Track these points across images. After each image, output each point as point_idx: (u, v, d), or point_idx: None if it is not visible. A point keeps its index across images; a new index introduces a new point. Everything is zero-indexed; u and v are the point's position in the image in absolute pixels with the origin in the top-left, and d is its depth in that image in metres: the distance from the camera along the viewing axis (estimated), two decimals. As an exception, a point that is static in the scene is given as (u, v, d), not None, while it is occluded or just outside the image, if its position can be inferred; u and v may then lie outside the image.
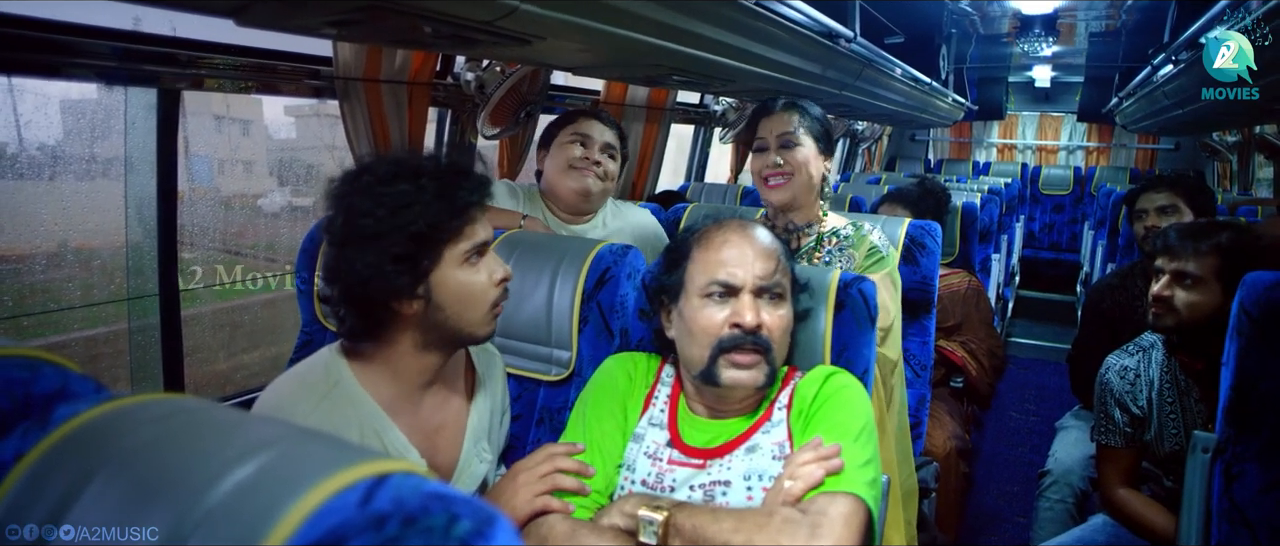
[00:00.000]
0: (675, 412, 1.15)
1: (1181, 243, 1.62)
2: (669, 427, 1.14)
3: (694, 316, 1.08)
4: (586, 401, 1.19)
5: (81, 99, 1.68)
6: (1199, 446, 1.30)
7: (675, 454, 1.11)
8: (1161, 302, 1.63)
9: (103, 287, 1.74)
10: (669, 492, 1.08)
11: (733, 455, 1.10)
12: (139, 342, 1.65)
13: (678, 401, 1.16)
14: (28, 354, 0.59)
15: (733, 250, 1.09)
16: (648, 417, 1.15)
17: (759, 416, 1.13)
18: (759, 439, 1.11)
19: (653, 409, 1.16)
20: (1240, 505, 1.22)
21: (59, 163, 1.65)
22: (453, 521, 0.35)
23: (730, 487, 1.07)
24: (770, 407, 1.14)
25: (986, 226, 3.33)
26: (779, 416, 1.12)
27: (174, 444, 0.41)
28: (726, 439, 1.11)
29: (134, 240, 1.64)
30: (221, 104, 2.51)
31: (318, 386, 1.06)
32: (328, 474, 0.37)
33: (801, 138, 1.62)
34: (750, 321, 1.05)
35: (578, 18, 1.27)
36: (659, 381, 1.19)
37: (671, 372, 1.20)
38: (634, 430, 1.15)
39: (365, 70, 1.73)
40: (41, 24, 1.27)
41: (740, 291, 1.07)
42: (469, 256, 1.06)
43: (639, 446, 1.13)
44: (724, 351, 1.06)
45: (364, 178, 1.02)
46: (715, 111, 3.79)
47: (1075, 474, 2.15)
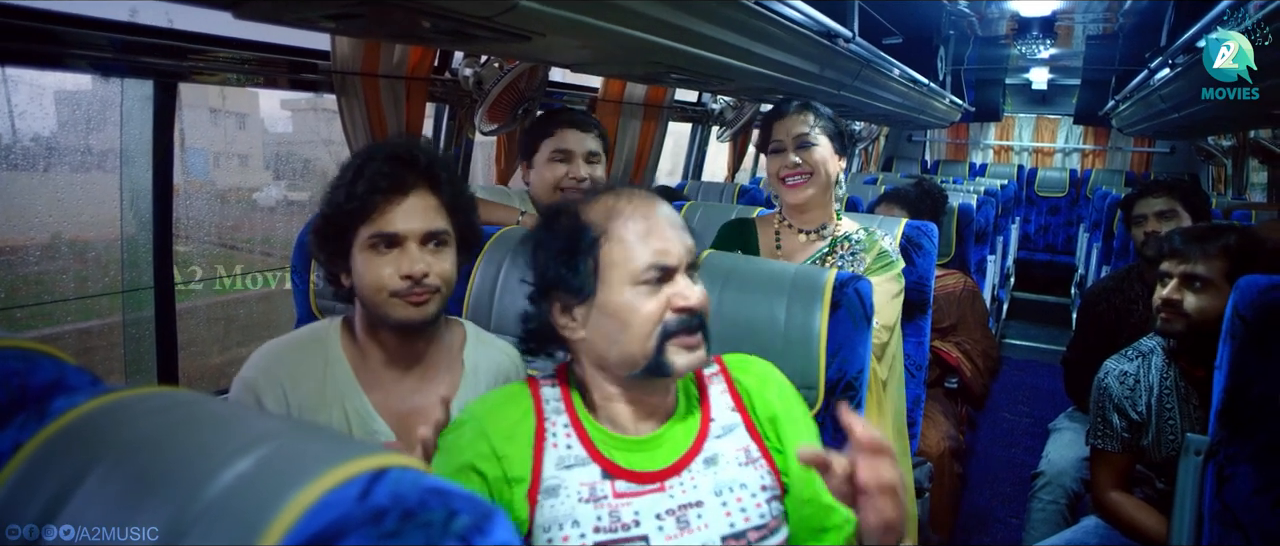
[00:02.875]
0: (588, 439, 0.97)
1: (1189, 246, 1.62)
2: (594, 459, 0.96)
3: (630, 307, 0.93)
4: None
5: (77, 90, 1.67)
6: (1192, 449, 1.31)
7: (620, 484, 0.95)
8: (1171, 306, 1.62)
9: (97, 280, 1.74)
10: (635, 528, 0.93)
11: (691, 470, 0.97)
12: (133, 336, 1.65)
13: (583, 426, 0.98)
14: (23, 345, 0.58)
15: (656, 225, 0.96)
16: (554, 462, 0.95)
17: (700, 421, 1.01)
18: (715, 446, 0.99)
19: (554, 450, 0.96)
20: (1232, 507, 1.22)
21: (54, 154, 1.64)
22: (451, 516, 0.35)
23: (704, 508, 0.95)
24: (705, 405, 1.02)
25: (982, 228, 3.34)
26: (730, 418, 1.02)
27: (173, 437, 0.41)
28: (676, 454, 0.98)
29: (129, 233, 1.63)
30: (218, 97, 2.50)
31: (303, 338, 1.16)
32: (326, 468, 0.37)
33: (817, 137, 1.61)
34: (696, 302, 0.94)
35: (577, 14, 1.27)
36: (543, 415, 0.99)
37: (556, 394, 1.01)
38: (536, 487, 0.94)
39: (363, 65, 1.73)
40: (37, 14, 1.26)
41: (675, 271, 0.95)
42: (373, 243, 1.08)
43: (561, 500, 0.93)
44: (670, 336, 0.93)
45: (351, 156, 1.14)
46: (713, 110, 3.79)
47: (1068, 475, 2.16)
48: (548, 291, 0.97)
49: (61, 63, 1.36)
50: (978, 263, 3.32)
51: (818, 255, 1.66)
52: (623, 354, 0.94)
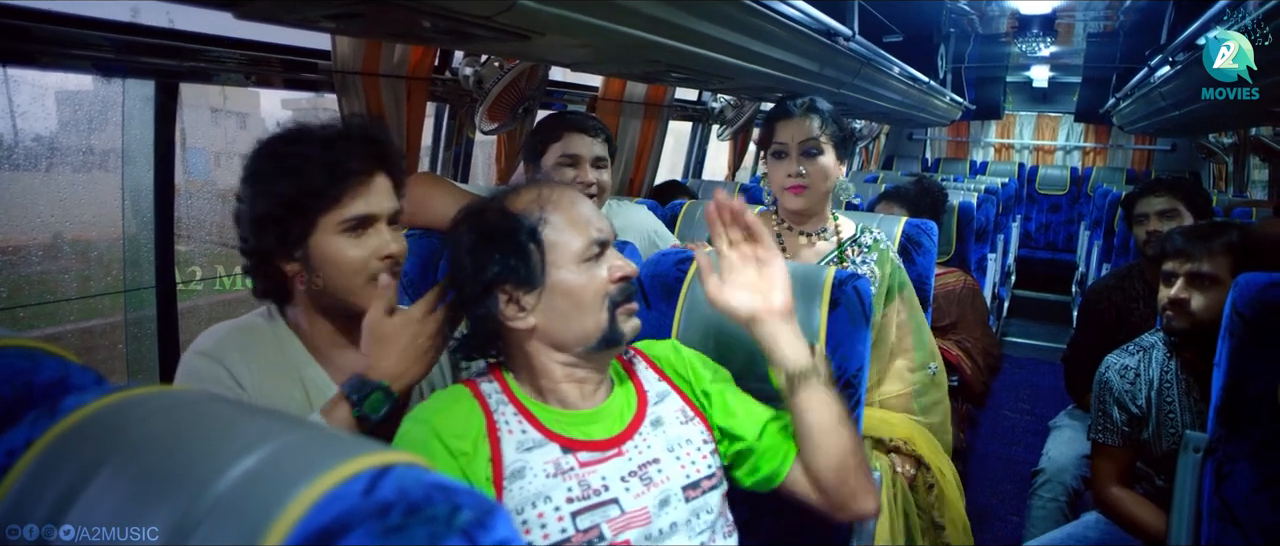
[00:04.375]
0: (539, 422, 1.01)
1: (1193, 244, 1.63)
2: (550, 439, 1.00)
3: (582, 285, 0.99)
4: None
5: (78, 90, 1.67)
6: (1191, 445, 1.32)
7: (583, 455, 0.99)
8: (1177, 305, 1.63)
9: (99, 280, 1.74)
10: (605, 492, 0.97)
11: (641, 432, 1.04)
12: (135, 335, 1.65)
13: (530, 410, 1.02)
14: (27, 344, 0.59)
15: (581, 208, 1.03)
16: (512, 446, 0.98)
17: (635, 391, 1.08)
18: (657, 410, 1.07)
19: (510, 436, 0.99)
20: (1230, 504, 1.23)
21: (55, 154, 1.65)
22: (455, 511, 0.36)
23: (661, 464, 1.02)
24: (634, 378, 1.10)
25: (983, 226, 3.35)
26: (660, 387, 1.10)
27: (179, 435, 0.41)
28: (624, 421, 1.04)
29: (130, 232, 1.63)
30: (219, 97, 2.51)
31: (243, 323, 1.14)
32: (332, 464, 0.37)
33: (824, 145, 1.59)
34: (632, 270, 1.02)
35: (576, 13, 1.27)
36: (489, 410, 1.01)
37: (496, 388, 1.04)
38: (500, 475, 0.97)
39: (364, 64, 1.73)
40: (39, 15, 1.26)
41: (607, 245, 1.03)
42: (346, 226, 1.06)
43: (528, 481, 0.96)
44: (617, 304, 1.01)
45: (270, 142, 1.08)
46: (713, 108, 3.80)
47: (1068, 473, 2.16)
48: (491, 287, 0.99)
49: (63, 63, 1.37)
50: (978, 261, 3.32)
51: (826, 259, 1.65)
52: (579, 329, 1.00)
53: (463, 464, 0.95)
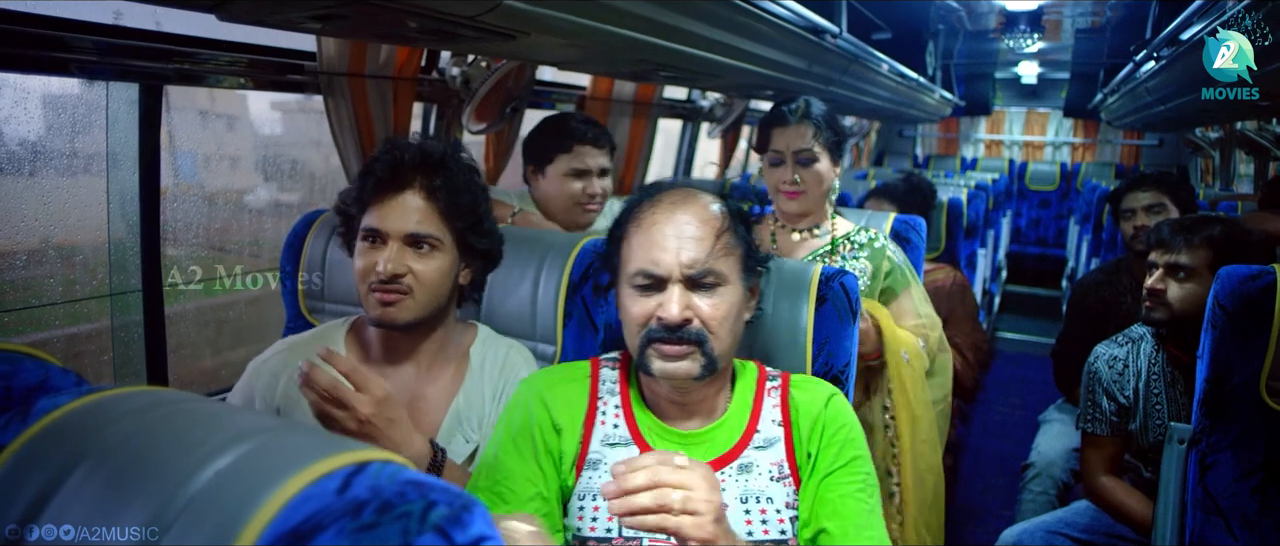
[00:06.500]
0: (634, 422, 1.02)
1: (1175, 236, 1.65)
2: (636, 441, 1.00)
3: (626, 305, 1.00)
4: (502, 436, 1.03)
5: (62, 94, 1.66)
6: (1175, 437, 1.33)
7: None
8: (1154, 295, 1.66)
9: (85, 284, 1.73)
10: None
11: (724, 472, 0.99)
12: (122, 340, 1.64)
13: (633, 409, 1.03)
14: (7, 348, 0.59)
15: (662, 233, 0.98)
16: (600, 438, 1.01)
17: (745, 427, 1.03)
18: (753, 456, 1.01)
19: (602, 427, 1.01)
20: (1214, 494, 1.24)
21: (40, 158, 1.63)
22: (429, 508, 0.36)
23: (727, 511, 0.93)
24: (756, 416, 1.04)
25: (973, 222, 3.36)
26: (774, 432, 1.03)
27: (155, 435, 0.41)
28: (713, 453, 1.00)
29: (117, 236, 1.62)
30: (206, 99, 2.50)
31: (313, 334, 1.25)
32: (306, 463, 0.38)
33: (818, 152, 1.60)
34: (674, 316, 0.95)
35: (562, 13, 1.28)
36: (598, 393, 1.03)
37: (614, 376, 1.06)
38: (583, 458, 0.99)
39: (349, 65, 1.73)
40: (20, 17, 1.25)
41: (667, 282, 0.97)
42: (364, 235, 1.14)
43: (600, 474, 0.99)
44: (651, 341, 0.97)
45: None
46: (703, 107, 3.80)
47: (1058, 466, 2.18)
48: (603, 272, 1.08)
49: (45, 67, 1.36)
50: (968, 256, 3.34)
51: (816, 253, 1.66)
52: (630, 343, 1.01)
53: (560, 437, 1.01)
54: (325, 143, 1.87)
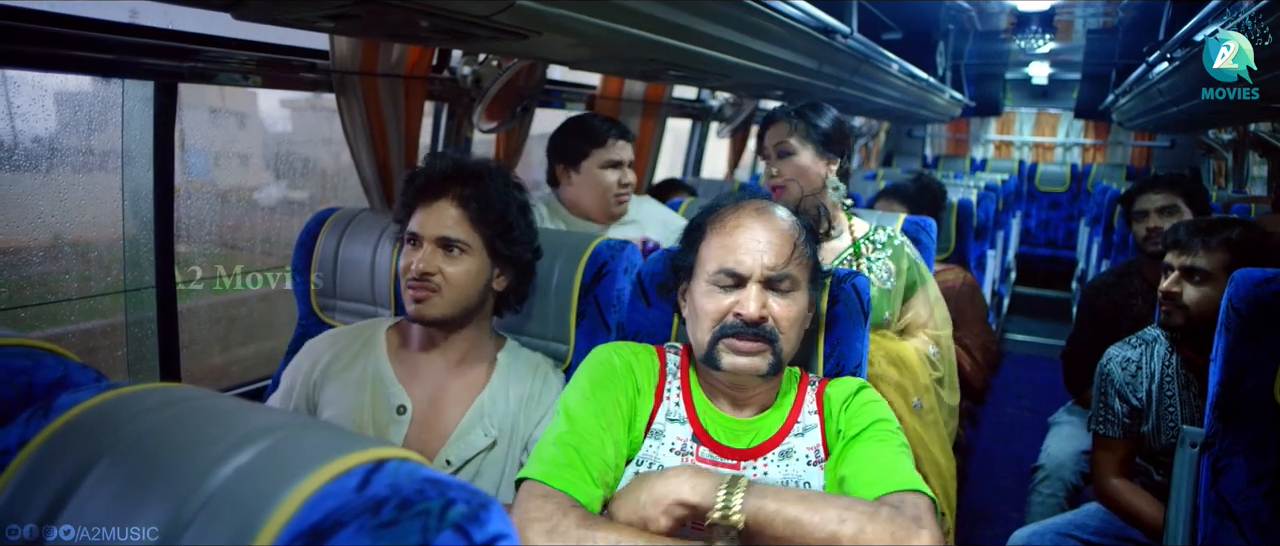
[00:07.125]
0: (692, 405, 1.10)
1: (1191, 239, 1.63)
2: (691, 422, 1.09)
3: (701, 300, 1.07)
4: (585, 388, 1.08)
5: (78, 91, 1.67)
6: (1187, 440, 1.32)
7: (705, 451, 1.07)
8: (1170, 299, 1.64)
9: (99, 280, 1.74)
10: None
11: (767, 457, 1.07)
12: (135, 336, 1.65)
13: (692, 393, 1.11)
14: (29, 343, 0.59)
15: (745, 236, 1.06)
16: (664, 412, 1.10)
17: (787, 417, 1.10)
18: (793, 442, 1.09)
19: (667, 402, 1.10)
20: (1226, 498, 1.23)
21: (55, 155, 1.65)
22: (448, 505, 0.36)
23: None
24: (797, 408, 1.11)
25: (983, 223, 3.35)
26: (811, 420, 1.11)
27: (174, 431, 0.42)
28: (758, 440, 1.08)
29: (131, 233, 1.64)
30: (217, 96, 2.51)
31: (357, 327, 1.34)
32: (325, 460, 0.38)
33: (795, 146, 1.63)
34: (753, 313, 1.03)
35: (574, 12, 1.28)
36: (665, 373, 1.13)
37: (676, 362, 1.14)
38: (650, 424, 1.08)
39: (362, 64, 1.73)
40: (37, 15, 1.26)
41: (747, 281, 1.05)
42: (405, 238, 1.24)
43: (660, 443, 1.07)
44: (724, 336, 1.04)
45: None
46: (712, 106, 3.79)
47: (1068, 468, 2.16)
48: (675, 270, 1.15)
49: (62, 65, 1.37)
50: (978, 258, 3.32)
51: (841, 257, 1.66)
52: (695, 340, 1.09)
53: (639, 399, 1.09)
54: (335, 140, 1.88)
